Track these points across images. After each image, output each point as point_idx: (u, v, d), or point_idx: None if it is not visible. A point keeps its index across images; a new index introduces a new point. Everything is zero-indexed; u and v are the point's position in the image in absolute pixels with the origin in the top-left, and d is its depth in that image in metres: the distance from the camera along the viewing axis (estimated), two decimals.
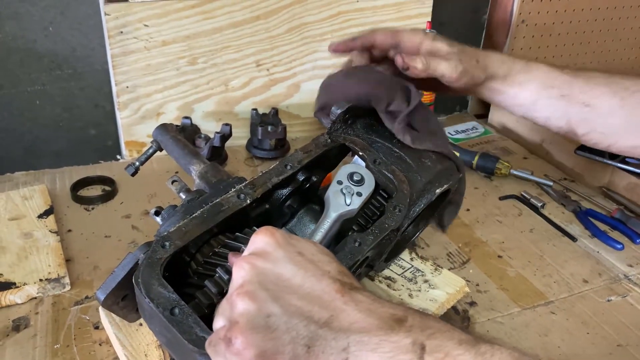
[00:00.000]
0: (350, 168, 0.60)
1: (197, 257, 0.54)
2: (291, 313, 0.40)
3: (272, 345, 0.39)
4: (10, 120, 1.01)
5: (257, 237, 0.45)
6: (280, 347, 0.39)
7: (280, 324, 0.40)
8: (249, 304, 0.40)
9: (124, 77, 1.01)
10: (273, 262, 0.43)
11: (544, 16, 1.30)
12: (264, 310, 0.40)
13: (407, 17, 1.17)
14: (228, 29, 1.04)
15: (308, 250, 0.44)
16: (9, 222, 0.84)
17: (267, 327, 0.39)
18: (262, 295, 0.40)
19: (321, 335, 0.39)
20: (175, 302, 0.47)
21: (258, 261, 0.42)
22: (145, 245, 0.52)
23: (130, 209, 0.92)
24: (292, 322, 0.40)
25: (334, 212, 0.56)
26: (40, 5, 0.95)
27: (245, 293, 0.41)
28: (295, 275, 0.42)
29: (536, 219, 0.95)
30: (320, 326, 0.40)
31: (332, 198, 0.57)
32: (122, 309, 0.56)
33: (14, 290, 0.71)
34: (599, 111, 0.74)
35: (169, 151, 0.68)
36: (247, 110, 1.11)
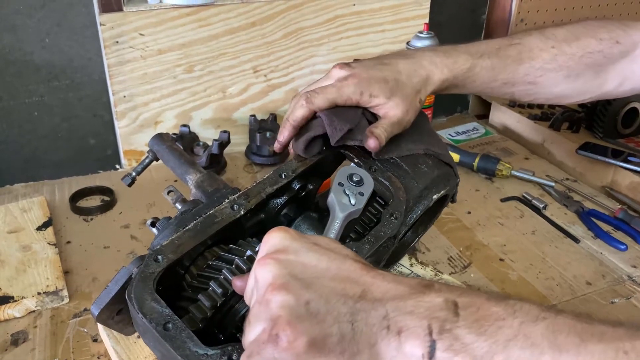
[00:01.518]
0: (348, 170, 0.60)
1: (191, 269, 0.54)
2: (327, 295, 0.41)
3: (320, 330, 0.39)
4: (9, 132, 1.01)
5: (270, 236, 0.45)
6: (327, 329, 0.40)
7: (320, 307, 0.40)
8: (286, 295, 0.40)
9: (121, 87, 1.01)
10: (294, 253, 0.43)
11: (543, 14, 1.29)
12: (302, 298, 0.40)
13: (405, 19, 1.16)
14: (224, 36, 1.04)
15: (322, 240, 0.46)
16: (7, 235, 0.84)
17: (310, 314, 0.40)
18: (295, 285, 0.41)
19: (360, 308, 0.41)
20: (169, 317, 0.46)
21: (280, 255, 0.43)
22: (138, 259, 0.51)
23: (129, 218, 0.92)
24: (331, 303, 0.40)
25: (342, 212, 0.56)
26: (37, 17, 0.95)
27: (279, 286, 0.40)
28: (319, 261, 0.43)
29: (538, 221, 0.94)
30: (357, 300, 0.41)
31: (337, 200, 0.57)
32: (117, 323, 0.55)
33: (12, 304, 0.71)
34: (543, 84, 0.76)
35: (165, 161, 0.67)
36: (245, 116, 1.11)
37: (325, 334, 0.39)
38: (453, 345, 0.39)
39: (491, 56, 0.73)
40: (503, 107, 1.25)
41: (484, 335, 0.39)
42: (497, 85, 0.75)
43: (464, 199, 0.98)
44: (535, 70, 0.74)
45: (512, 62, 0.74)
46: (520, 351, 0.38)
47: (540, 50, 0.74)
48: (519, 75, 0.74)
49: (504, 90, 0.77)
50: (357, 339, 0.40)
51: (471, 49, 0.73)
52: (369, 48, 1.16)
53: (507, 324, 0.39)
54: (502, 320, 0.39)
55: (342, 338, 0.40)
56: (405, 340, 0.40)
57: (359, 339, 0.40)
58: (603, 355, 0.37)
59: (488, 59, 0.72)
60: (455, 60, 0.70)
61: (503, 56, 0.73)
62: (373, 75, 0.65)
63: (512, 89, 0.76)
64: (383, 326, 0.40)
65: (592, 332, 0.38)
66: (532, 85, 0.76)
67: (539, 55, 0.74)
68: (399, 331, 0.40)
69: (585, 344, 0.37)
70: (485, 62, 0.72)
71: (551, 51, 0.74)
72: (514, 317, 0.39)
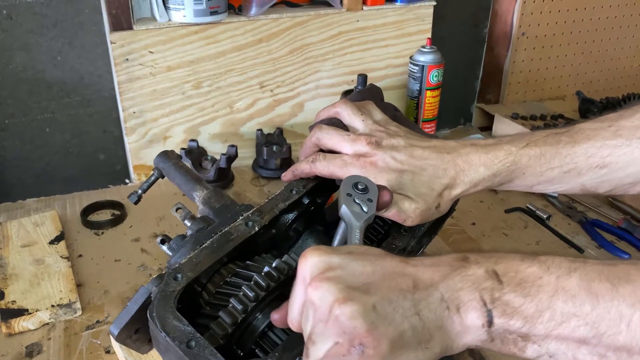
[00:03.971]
0: (351, 180, 0.58)
1: (208, 287, 0.54)
2: (387, 294, 0.43)
3: (394, 329, 0.41)
4: (22, 148, 1.03)
5: (307, 259, 0.45)
6: (400, 326, 0.42)
7: (387, 308, 0.42)
8: (353, 306, 0.41)
9: (131, 103, 1.03)
10: (340, 267, 0.44)
11: (544, 28, 1.31)
12: (368, 304, 0.41)
13: (408, 34, 1.18)
14: (231, 53, 1.06)
15: (353, 248, 0.47)
16: (21, 249, 0.86)
17: (380, 316, 0.41)
18: (355, 295, 0.42)
19: (419, 298, 0.43)
20: (191, 334, 0.47)
21: (328, 273, 0.43)
22: (157, 278, 0.52)
23: (139, 232, 0.94)
24: (393, 300, 0.42)
25: (358, 221, 0.55)
26: (49, 36, 0.98)
27: (343, 299, 0.41)
28: (364, 266, 0.45)
29: (542, 231, 0.95)
30: (413, 292, 0.43)
31: (351, 210, 0.56)
32: (135, 342, 0.56)
33: (26, 317, 0.73)
34: (616, 165, 0.61)
35: (171, 178, 0.69)
36: (252, 131, 1.13)
37: (400, 331, 0.41)
38: (506, 310, 0.43)
39: (538, 144, 0.62)
40: (506, 119, 1.27)
41: (529, 296, 0.43)
42: (557, 176, 0.63)
43: (468, 210, 0.99)
44: (598, 149, 0.61)
45: (566, 145, 0.62)
46: (564, 304, 0.42)
47: (594, 130, 0.62)
48: (580, 158, 0.62)
49: (569, 183, 0.63)
50: (427, 326, 0.43)
51: (515, 139, 0.64)
52: (373, 63, 1.18)
53: (545, 281, 0.43)
54: (540, 279, 0.43)
55: (415, 330, 0.42)
56: (465, 314, 0.43)
57: (429, 326, 0.43)
58: (633, 295, 0.41)
59: (535, 147, 0.62)
60: (496, 155, 0.62)
61: (552, 142, 0.62)
62: (388, 165, 0.60)
63: (578, 179, 0.63)
64: (444, 308, 0.43)
65: (619, 275, 0.42)
66: (603, 170, 0.62)
67: (597, 134, 0.62)
68: (457, 308, 0.43)
69: (616, 288, 0.42)
70: (533, 150, 0.62)
71: (609, 129, 0.62)
72: (549, 273, 0.43)
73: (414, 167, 0.61)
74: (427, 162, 0.61)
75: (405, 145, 0.62)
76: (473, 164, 0.61)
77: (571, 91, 1.39)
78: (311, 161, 0.63)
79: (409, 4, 1.15)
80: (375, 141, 0.61)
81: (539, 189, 0.66)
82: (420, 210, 0.60)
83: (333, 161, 0.62)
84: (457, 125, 1.39)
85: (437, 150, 0.62)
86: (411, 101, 1.16)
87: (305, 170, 0.63)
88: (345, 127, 0.66)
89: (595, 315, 0.42)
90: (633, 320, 0.41)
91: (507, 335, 0.43)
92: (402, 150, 0.61)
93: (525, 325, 0.43)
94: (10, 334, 0.72)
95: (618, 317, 0.42)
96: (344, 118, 0.66)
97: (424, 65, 1.11)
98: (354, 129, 0.65)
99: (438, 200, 0.61)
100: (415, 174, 0.60)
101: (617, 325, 0.42)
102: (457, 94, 1.35)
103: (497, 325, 0.43)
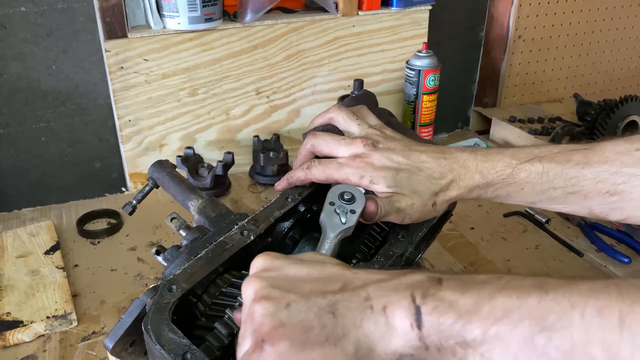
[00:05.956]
0: (340, 188, 0.59)
1: (203, 297, 0.54)
2: (307, 295, 0.41)
3: (301, 328, 0.39)
4: (17, 157, 1.03)
5: (255, 261, 0.46)
6: (307, 324, 0.39)
7: (301, 307, 0.40)
8: (266, 304, 0.41)
9: (126, 111, 1.03)
10: (276, 269, 0.44)
11: (540, 31, 1.31)
12: (282, 303, 0.40)
13: (404, 39, 1.18)
14: (227, 60, 1.06)
15: (306, 255, 0.47)
16: (16, 260, 0.85)
17: (290, 315, 0.40)
18: (276, 293, 0.41)
19: (340, 298, 0.41)
20: (187, 347, 0.46)
21: (263, 273, 0.44)
22: (151, 290, 0.51)
23: (135, 241, 0.93)
24: (311, 300, 0.41)
25: (332, 232, 0.56)
26: (43, 45, 0.98)
27: (260, 298, 0.41)
28: (300, 270, 0.44)
29: (541, 235, 0.94)
30: (337, 293, 0.41)
31: (328, 220, 0.57)
32: (130, 355, 0.55)
33: (21, 329, 0.72)
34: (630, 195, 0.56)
35: (166, 188, 0.68)
36: (248, 137, 1.12)
37: (307, 330, 0.39)
38: (438, 306, 0.38)
39: (544, 160, 0.58)
40: (503, 122, 1.26)
41: (468, 293, 0.38)
42: (560, 196, 0.59)
43: (466, 215, 0.99)
44: (611, 175, 0.56)
45: (575, 165, 0.57)
46: (506, 299, 0.37)
47: (617, 153, 0.56)
48: (587, 182, 0.57)
49: (574, 205, 0.60)
50: (340, 324, 0.39)
51: (520, 152, 0.60)
52: (369, 68, 1.18)
53: (492, 284, 0.38)
54: (488, 283, 0.39)
55: (325, 328, 0.39)
56: (392, 314, 0.39)
57: (342, 324, 0.39)
58: (591, 289, 0.36)
59: (539, 163, 0.58)
60: (493, 165, 0.59)
61: (561, 160, 0.58)
62: (385, 164, 0.59)
63: (585, 203, 0.58)
64: (366, 307, 0.40)
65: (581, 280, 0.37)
66: (613, 197, 0.57)
67: (617, 158, 0.56)
68: (383, 308, 0.39)
69: (571, 284, 0.37)
70: (535, 166, 0.58)
71: (634, 154, 0.56)
72: (500, 279, 0.39)
73: (411, 167, 0.60)
74: (424, 164, 0.60)
75: (402, 148, 0.61)
76: (469, 169, 0.60)
77: (568, 93, 1.38)
78: (306, 168, 0.62)
79: (404, 8, 1.15)
80: (372, 143, 0.61)
81: (542, 207, 0.63)
82: (417, 206, 0.59)
83: (329, 165, 0.61)
84: (454, 129, 1.39)
85: (434, 154, 0.61)
86: (408, 106, 1.16)
87: (301, 177, 0.62)
88: (341, 133, 0.66)
89: (542, 308, 0.36)
90: (587, 312, 0.35)
91: (442, 342, 0.38)
92: (399, 152, 0.60)
93: (459, 322, 0.37)
94: (5, 346, 0.72)
95: (569, 307, 0.35)
96: (339, 123, 0.65)
97: (420, 70, 1.11)
98: (349, 133, 0.64)
99: (434, 198, 0.60)
100: (412, 173, 0.60)
101: (569, 315, 0.35)
102: (454, 98, 1.34)
103: (428, 326, 0.38)
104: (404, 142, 0.63)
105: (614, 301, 0.35)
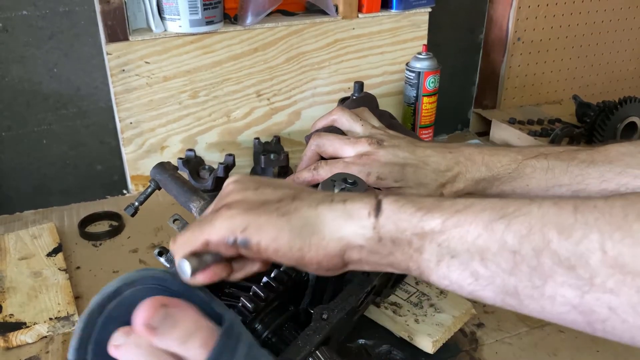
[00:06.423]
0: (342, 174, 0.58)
1: None
2: (277, 186, 0.44)
3: (259, 198, 0.42)
4: (19, 160, 1.03)
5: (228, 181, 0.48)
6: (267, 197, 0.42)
7: (268, 191, 0.43)
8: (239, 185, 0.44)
9: (128, 114, 1.03)
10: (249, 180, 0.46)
11: (539, 33, 1.31)
12: (253, 186, 0.44)
13: (403, 41, 1.18)
14: (228, 62, 1.06)
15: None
16: (18, 262, 0.85)
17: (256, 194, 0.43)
18: (252, 184, 0.44)
19: (306, 190, 0.44)
20: None
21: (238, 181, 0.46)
22: None
23: (137, 243, 0.94)
24: (278, 189, 0.43)
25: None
26: (45, 48, 0.98)
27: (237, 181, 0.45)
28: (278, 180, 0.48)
29: None
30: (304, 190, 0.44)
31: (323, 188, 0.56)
32: None
33: (24, 330, 0.72)
34: None
35: (168, 190, 0.69)
36: (249, 139, 1.13)
37: (263, 201, 0.41)
38: (399, 200, 0.39)
39: (549, 157, 0.59)
40: (503, 124, 1.27)
41: (429, 197, 0.40)
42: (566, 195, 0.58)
43: None
44: (616, 174, 0.55)
45: (580, 163, 0.58)
46: (466, 200, 0.38)
47: (621, 154, 0.56)
48: (592, 180, 0.56)
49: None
50: (295, 203, 0.41)
51: (526, 149, 0.61)
52: (369, 70, 1.18)
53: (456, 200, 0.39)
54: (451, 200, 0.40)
55: (280, 202, 0.41)
56: (351, 205, 0.40)
57: (297, 204, 0.41)
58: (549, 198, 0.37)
59: (545, 160, 0.59)
60: (499, 159, 0.60)
61: (566, 158, 0.59)
62: (391, 160, 0.60)
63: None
64: (326, 199, 0.41)
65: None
66: None
67: (621, 159, 0.56)
68: (344, 201, 0.41)
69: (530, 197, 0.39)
70: (541, 162, 0.59)
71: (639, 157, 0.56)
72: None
73: (417, 161, 0.60)
74: (430, 158, 0.61)
75: (407, 145, 0.62)
76: (476, 162, 0.61)
77: (568, 95, 1.39)
78: (313, 169, 0.63)
79: (404, 10, 1.16)
80: (377, 141, 0.61)
81: None
82: None
83: (335, 164, 0.61)
84: (454, 131, 1.39)
85: (439, 149, 0.62)
86: (408, 108, 1.16)
87: (307, 178, 0.63)
88: (344, 134, 0.66)
89: (502, 203, 0.37)
90: (545, 204, 0.36)
91: (399, 234, 0.38)
92: (404, 149, 0.61)
93: (419, 213, 0.38)
94: (8, 347, 0.72)
95: (528, 202, 0.37)
96: (343, 124, 0.66)
97: (420, 72, 1.12)
98: (353, 133, 0.65)
99: (441, 190, 0.60)
100: (418, 167, 0.60)
101: (527, 206, 0.36)
102: (454, 100, 1.35)
103: (386, 214, 0.38)
104: (407, 139, 0.64)
105: (569, 199, 0.36)
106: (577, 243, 0.34)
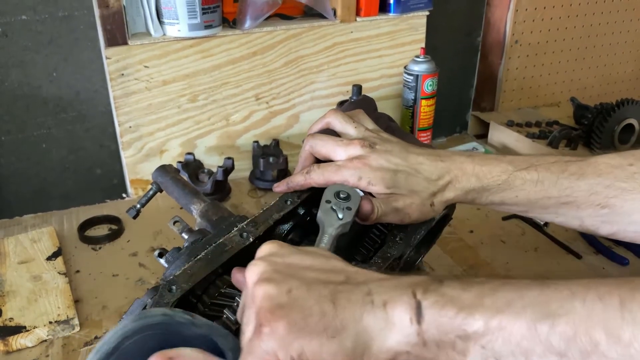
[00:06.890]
0: (335, 187, 0.60)
1: (203, 298, 0.55)
2: (310, 282, 0.41)
3: (299, 311, 0.39)
4: (18, 164, 1.03)
5: (263, 246, 0.47)
6: (307, 310, 0.39)
7: (302, 292, 0.40)
8: (268, 286, 0.41)
9: (127, 118, 1.03)
10: (281, 256, 0.45)
11: (537, 35, 1.32)
12: (284, 287, 0.40)
13: (401, 45, 1.19)
14: (226, 66, 1.07)
15: (310, 248, 0.48)
16: (18, 266, 0.86)
17: (291, 299, 0.40)
18: (279, 277, 0.42)
19: (342, 289, 0.41)
20: None
21: (268, 258, 0.44)
22: (152, 291, 0.52)
23: (136, 246, 0.94)
24: (313, 288, 0.41)
25: (329, 227, 0.57)
26: (44, 52, 0.98)
27: (263, 280, 0.41)
28: (303, 259, 0.44)
29: (540, 238, 0.95)
30: (338, 284, 0.41)
31: (325, 216, 0.57)
32: None
33: (24, 334, 0.72)
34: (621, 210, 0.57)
35: (169, 192, 0.69)
36: (248, 143, 1.13)
37: (305, 315, 0.39)
38: (439, 301, 0.38)
39: (540, 168, 0.60)
40: (501, 126, 1.27)
41: (469, 289, 0.39)
42: (553, 205, 0.60)
43: (465, 218, 0.99)
44: (605, 188, 0.57)
45: (570, 176, 0.58)
46: (508, 292, 0.38)
47: (611, 167, 0.58)
48: (580, 193, 0.58)
49: (566, 216, 0.61)
50: (339, 315, 0.39)
51: (517, 159, 0.61)
52: (368, 73, 1.19)
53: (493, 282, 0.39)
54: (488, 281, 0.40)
55: (324, 316, 0.39)
56: (392, 309, 0.39)
57: (341, 316, 0.39)
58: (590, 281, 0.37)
59: (535, 172, 0.59)
60: (490, 170, 0.60)
61: (556, 170, 0.59)
62: (383, 165, 0.60)
63: (577, 214, 0.60)
64: (367, 302, 0.40)
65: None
66: (604, 210, 0.58)
67: (610, 171, 0.57)
68: (384, 303, 0.40)
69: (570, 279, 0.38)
70: (531, 174, 0.59)
71: (628, 169, 0.57)
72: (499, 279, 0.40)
73: (408, 168, 0.61)
74: (421, 166, 0.61)
75: (399, 150, 0.62)
76: (466, 172, 0.61)
77: (565, 97, 1.39)
78: (306, 172, 0.63)
79: (402, 14, 1.16)
80: (369, 144, 0.61)
81: (533, 216, 0.64)
82: (416, 205, 0.60)
83: (327, 168, 0.61)
84: (453, 134, 1.39)
85: (431, 156, 0.62)
86: (406, 110, 1.17)
87: (300, 182, 0.63)
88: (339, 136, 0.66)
89: (544, 297, 0.37)
90: (588, 298, 0.35)
91: (442, 337, 0.38)
92: (396, 154, 0.61)
93: (460, 315, 0.37)
94: (8, 351, 0.72)
95: (570, 295, 0.36)
96: (336, 126, 0.66)
97: (418, 75, 1.12)
98: (347, 135, 0.65)
99: (432, 199, 0.61)
100: (410, 174, 0.60)
101: (570, 302, 0.36)
102: (452, 103, 1.35)
103: (428, 319, 0.38)
104: (400, 144, 0.63)
105: (613, 288, 0.36)
106: (627, 345, 0.33)
